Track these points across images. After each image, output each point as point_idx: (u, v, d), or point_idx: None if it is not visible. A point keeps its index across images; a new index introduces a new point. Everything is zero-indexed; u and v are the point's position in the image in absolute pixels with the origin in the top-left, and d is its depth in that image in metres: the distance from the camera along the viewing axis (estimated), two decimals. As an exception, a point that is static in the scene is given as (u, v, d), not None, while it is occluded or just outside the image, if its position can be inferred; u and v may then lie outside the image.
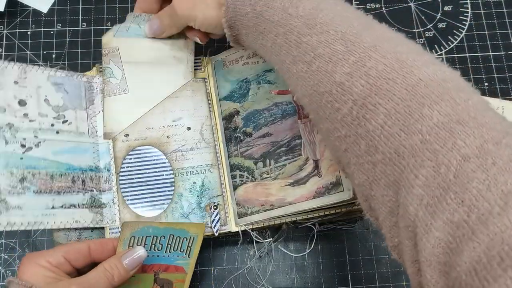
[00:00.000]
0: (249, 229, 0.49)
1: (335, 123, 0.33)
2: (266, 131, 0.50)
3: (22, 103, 0.42)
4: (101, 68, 0.50)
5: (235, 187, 0.50)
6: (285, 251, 0.53)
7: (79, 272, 0.41)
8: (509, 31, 0.63)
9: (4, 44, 0.59)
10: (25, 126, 0.42)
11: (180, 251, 0.45)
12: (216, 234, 0.49)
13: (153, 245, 0.44)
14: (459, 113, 0.28)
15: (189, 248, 0.45)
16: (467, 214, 0.25)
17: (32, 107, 0.43)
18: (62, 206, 0.42)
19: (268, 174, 0.49)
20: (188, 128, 0.51)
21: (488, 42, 0.62)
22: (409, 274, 0.30)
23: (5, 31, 0.59)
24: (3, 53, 0.58)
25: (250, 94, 0.51)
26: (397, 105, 0.29)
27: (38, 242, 0.53)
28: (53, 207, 0.41)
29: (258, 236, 0.51)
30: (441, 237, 0.26)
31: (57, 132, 0.44)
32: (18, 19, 0.60)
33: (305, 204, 0.46)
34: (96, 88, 0.49)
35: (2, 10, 0.58)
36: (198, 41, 0.49)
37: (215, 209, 0.49)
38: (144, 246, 0.43)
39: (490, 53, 0.62)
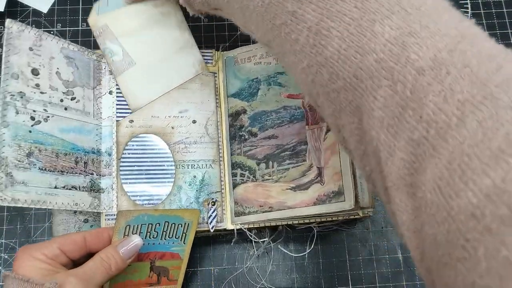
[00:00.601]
0: (245, 228, 0.49)
1: (297, 54, 0.31)
2: (272, 133, 0.50)
3: (35, 72, 0.40)
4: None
5: (234, 185, 0.50)
6: (285, 251, 0.54)
7: (75, 263, 0.40)
8: (509, 31, 0.63)
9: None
10: (36, 97, 0.40)
11: (176, 237, 0.45)
12: (212, 230, 0.48)
13: (149, 233, 0.43)
14: (411, 23, 0.26)
15: (184, 234, 0.45)
16: (426, 130, 0.24)
17: (44, 78, 0.41)
18: (64, 187, 0.40)
19: (270, 176, 0.49)
20: (194, 121, 0.50)
21: (488, 42, 0.63)
22: (384, 203, 0.29)
23: (5, 31, 0.57)
24: (3, 53, 0.57)
25: (259, 94, 0.51)
26: (349, 26, 0.27)
27: (38, 242, 0.51)
28: (56, 187, 0.40)
29: (254, 236, 0.51)
30: (404, 157, 0.25)
31: (65, 109, 0.43)
32: (18, 19, 0.59)
33: (305, 210, 0.47)
34: (104, 68, 0.48)
35: (2, 10, 0.57)
36: None
37: (213, 205, 0.49)
38: (139, 234, 0.43)
39: (490, 53, 0.63)
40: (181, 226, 0.45)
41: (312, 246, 0.54)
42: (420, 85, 0.24)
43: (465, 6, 0.65)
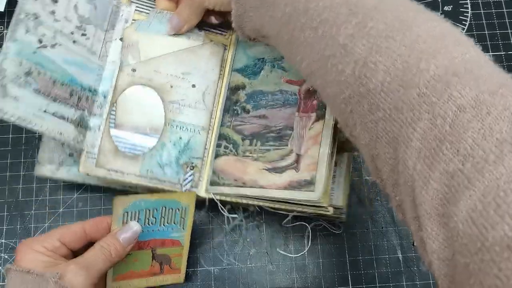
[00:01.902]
0: (216, 199, 0.52)
1: (340, 85, 0.34)
2: (263, 113, 0.53)
3: None
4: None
5: (216, 156, 0.53)
6: (284, 252, 0.56)
7: (75, 254, 0.43)
8: (509, 31, 0.64)
9: (4, 43, 0.61)
10: (49, 22, 0.44)
11: (174, 223, 0.48)
12: (183, 191, 0.51)
13: (147, 219, 0.46)
14: (456, 65, 0.29)
15: (182, 219, 0.48)
16: (462, 163, 0.26)
17: (61, 7, 0.45)
18: (53, 114, 0.44)
19: (250, 153, 0.52)
20: (193, 85, 0.53)
21: (488, 42, 0.64)
22: (412, 231, 0.31)
23: (5, 31, 0.61)
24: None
25: (262, 74, 0.54)
26: (396, 61, 0.31)
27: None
28: (45, 111, 0.43)
29: (226, 211, 0.54)
30: (438, 188, 0.27)
31: (74, 42, 0.47)
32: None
33: (274, 192, 0.49)
34: (121, 15, 0.52)
35: (2, 10, 0.60)
36: (213, 20, 0.52)
37: (191, 169, 0.52)
38: (138, 221, 0.45)
39: (490, 53, 0.64)
40: (179, 211, 0.47)
41: (310, 244, 0.56)
42: (460, 121, 0.27)
43: (465, 6, 0.66)
